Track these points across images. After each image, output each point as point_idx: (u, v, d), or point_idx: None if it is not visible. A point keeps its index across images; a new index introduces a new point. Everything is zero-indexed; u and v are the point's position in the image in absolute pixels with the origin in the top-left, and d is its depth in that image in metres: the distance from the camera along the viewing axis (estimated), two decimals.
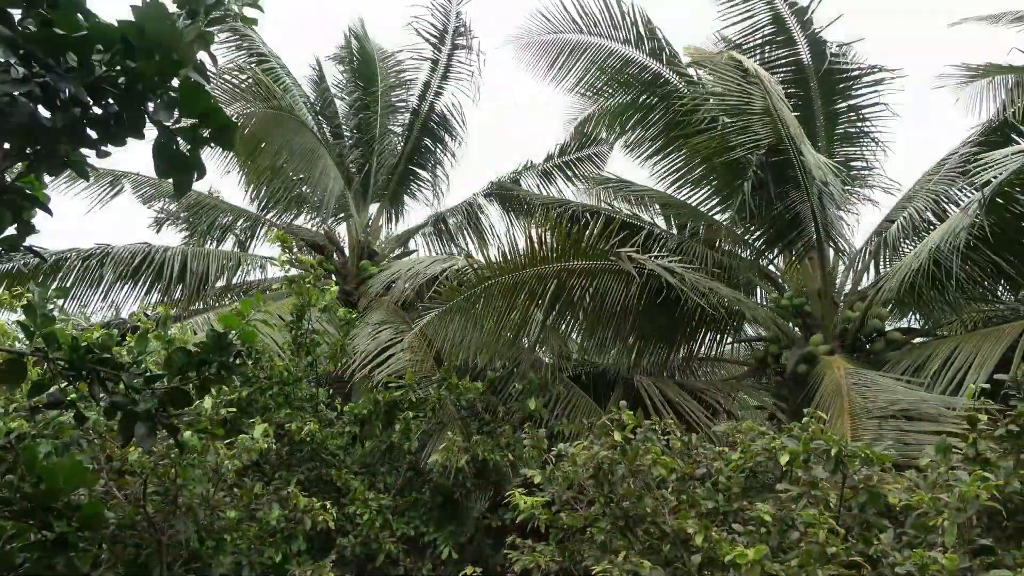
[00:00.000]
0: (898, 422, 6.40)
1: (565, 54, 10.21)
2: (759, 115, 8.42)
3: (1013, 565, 3.74)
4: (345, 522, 6.69)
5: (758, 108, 8.36)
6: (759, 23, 9.68)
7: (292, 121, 10.61)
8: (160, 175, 2.82)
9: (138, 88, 2.66)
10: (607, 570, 4.23)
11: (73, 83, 2.59)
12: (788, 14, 9.50)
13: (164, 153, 2.75)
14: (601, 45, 10.01)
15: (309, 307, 7.09)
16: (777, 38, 9.67)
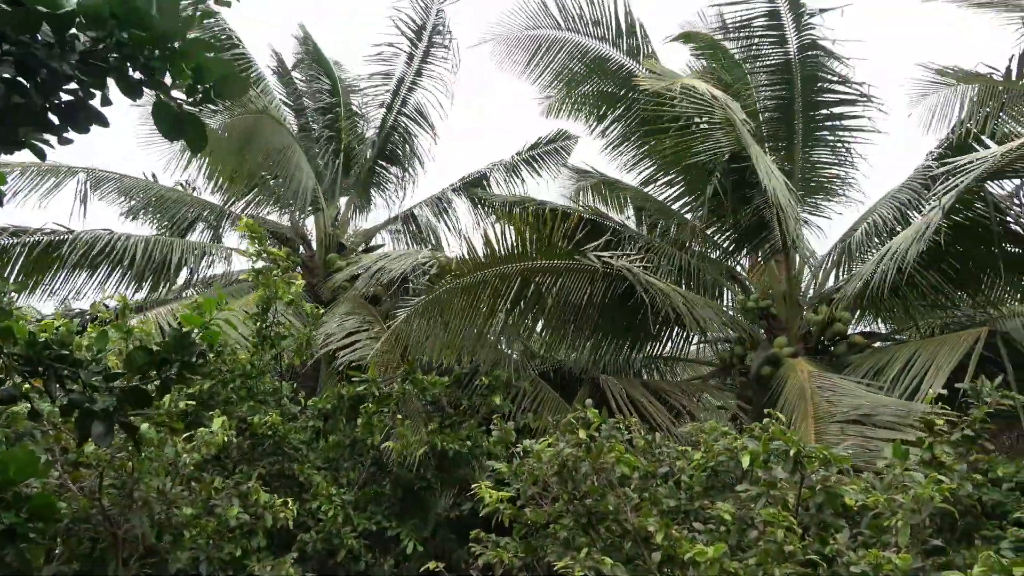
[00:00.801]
0: (861, 427, 6.52)
1: (543, 50, 10.21)
2: (720, 124, 8.51)
3: (963, 566, 3.84)
4: (307, 517, 6.62)
5: (719, 117, 8.45)
6: (753, 13, 9.71)
7: (268, 121, 10.48)
8: (167, 136, 2.79)
9: (139, 59, 2.61)
10: (569, 566, 4.24)
11: (57, 60, 2.53)
12: (785, 10, 9.56)
13: (165, 114, 2.71)
14: (579, 42, 10.02)
15: (275, 300, 6.99)
16: (769, 33, 9.71)
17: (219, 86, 2.74)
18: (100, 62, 2.65)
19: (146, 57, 2.65)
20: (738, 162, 8.62)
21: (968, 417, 4.62)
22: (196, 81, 2.69)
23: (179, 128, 2.77)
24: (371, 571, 6.55)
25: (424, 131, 12.61)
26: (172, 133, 2.77)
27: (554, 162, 12.39)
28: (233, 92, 2.83)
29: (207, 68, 2.69)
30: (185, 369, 3.41)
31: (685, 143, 8.88)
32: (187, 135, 2.80)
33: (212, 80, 2.70)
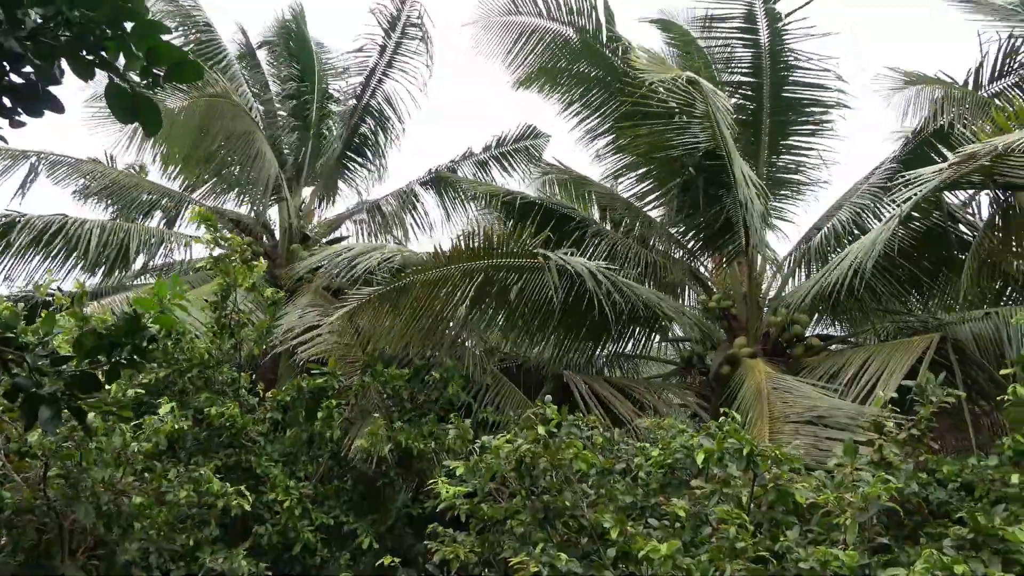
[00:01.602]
0: (814, 428, 6.64)
1: (521, 39, 10.15)
2: (700, 119, 8.57)
3: (908, 563, 3.93)
4: (263, 510, 6.53)
5: (699, 112, 8.51)
6: (730, 14, 9.78)
7: (229, 106, 10.26)
8: (120, 119, 2.71)
9: (90, 38, 2.53)
10: (524, 562, 4.25)
11: (4, 35, 2.45)
12: (761, 14, 9.65)
13: (119, 98, 2.63)
14: (556, 30, 9.98)
15: (234, 288, 6.86)
16: (742, 35, 9.76)
17: (172, 72, 2.68)
18: (51, 40, 2.57)
19: (98, 37, 2.58)
20: (712, 160, 8.69)
21: (915, 418, 4.73)
22: (149, 64, 2.62)
23: (133, 111, 2.70)
24: (327, 565, 6.49)
25: (394, 123, 12.50)
26: (126, 116, 2.70)
27: (524, 159, 12.37)
28: (187, 78, 2.75)
29: (161, 52, 2.62)
30: (136, 353, 3.33)
31: (662, 137, 8.89)
32: (141, 118, 2.73)
33: (165, 65, 2.64)
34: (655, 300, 8.59)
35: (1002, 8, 8.87)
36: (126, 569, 5.79)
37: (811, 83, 9.67)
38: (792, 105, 9.81)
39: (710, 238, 9.63)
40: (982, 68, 9.12)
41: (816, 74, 9.60)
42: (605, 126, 10.21)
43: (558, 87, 10.28)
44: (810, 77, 9.65)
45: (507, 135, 12.34)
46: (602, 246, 9.99)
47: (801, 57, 9.57)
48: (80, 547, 5.76)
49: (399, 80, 12.25)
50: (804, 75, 9.67)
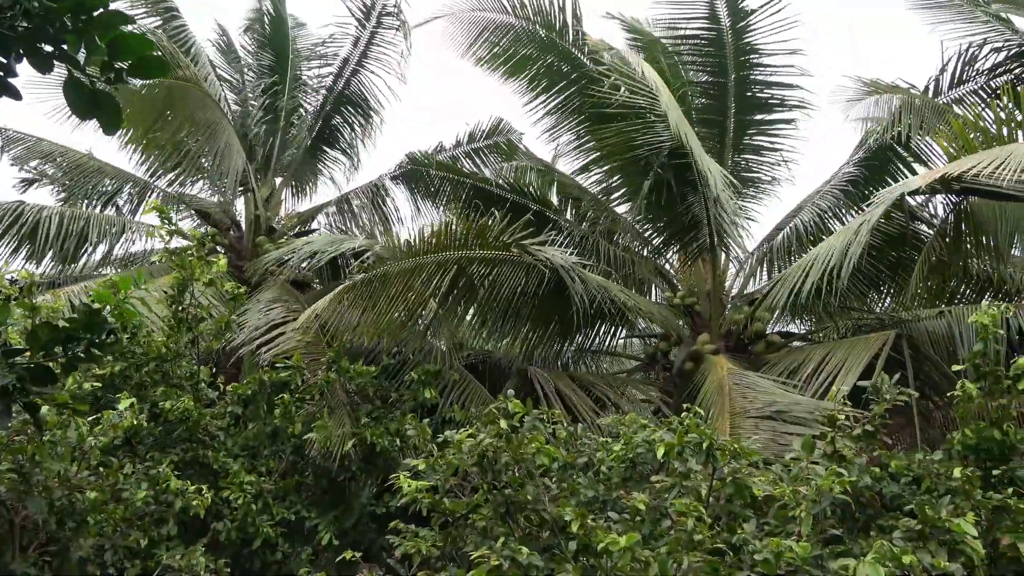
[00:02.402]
0: (774, 423, 6.77)
1: (488, 32, 10.12)
2: (663, 118, 8.66)
3: (860, 554, 4.02)
4: (222, 506, 6.44)
5: (662, 110, 8.59)
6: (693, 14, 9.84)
7: (197, 92, 10.06)
8: (78, 115, 2.63)
9: (49, 30, 2.46)
10: (485, 556, 4.26)
11: None
12: (724, 14, 9.74)
13: (78, 93, 2.55)
14: (524, 27, 9.97)
15: (192, 281, 6.75)
16: (706, 34, 9.87)
17: (136, 66, 2.61)
18: (7, 31, 2.49)
19: (58, 29, 2.51)
20: (677, 158, 8.78)
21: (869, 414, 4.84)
22: (111, 57, 2.55)
23: (92, 107, 2.62)
24: (288, 561, 6.43)
25: (367, 115, 12.37)
26: (84, 112, 2.62)
27: (496, 153, 12.34)
28: (151, 74, 2.69)
29: (124, 44, 2.55)
30: (93, 348, 3.26)
31: (628, 136, 8.94)
32: (101, 115, 2.66)
33: (129, 59, 2.57)
34: (623, 296, 8.65)
35: (965, 9, 9.06)
36: (80, 566, 5.67)
37: (774, 82, 9.82)
38: (756, 105, 9.95)
39: (676, 235, 9.73)
40: (942, 76, 9.37)
41: (779, 74, 9.75)
42: (571, 121, 10.24)
43: (526, 80, 10.29)
44: (773, 77, 9.79)
45: (478, 130, 12.30)
46: (570, 240, 10.04)
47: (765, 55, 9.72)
48: (32, 543, 5.63)
49: (375, 71, 12.13)
50: (767, 75, 9.82)
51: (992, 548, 4.39)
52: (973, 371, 5.15)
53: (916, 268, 7.37)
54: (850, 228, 7.47)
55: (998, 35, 8.85)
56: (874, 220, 7.10)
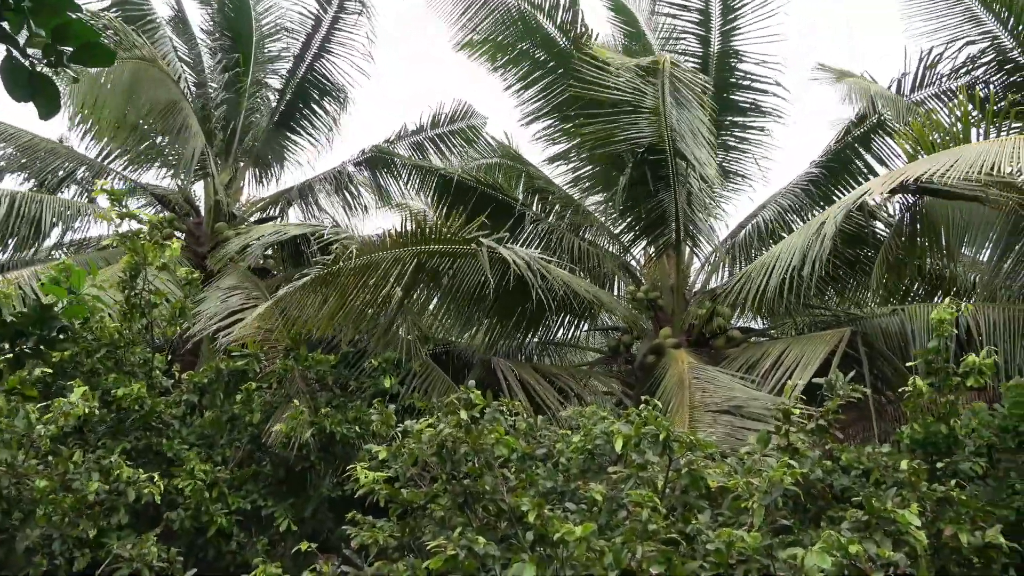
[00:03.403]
0: (732, 416, 6.88)
1: (471, 10, 10.04)
2: (647, 113, 8.66)
3: (809, 544, 4.11)
4: (176, 495, 6.33)
5: (648, 106, 8.60)
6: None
7: (154, 72, 9.80)
8: (15, 98, 2.50)
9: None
10: (442, 545, 4.26)
11: None
12: (716, 13, 9.77)
13: (16, 74, 2.43)
14: (510, 6, 9.90)
15: (145, 266, 6.58)
16: (693, 32, 9.92)
17: (80, 53, 2.51)
18: None
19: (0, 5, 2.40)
20: (655, 154, 8.83)
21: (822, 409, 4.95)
22: (55, 41, 2.45)
23: (30, 90, 2.52)
24: (242, 551, 6.34)
25: (333, 99, 12.18)
26: (21, 95, 2.50)
27: (461, 140, 12.26)
28: (95, 62, 2.58)
29: (69, 31, 2.45)
30: (43, 344, 3.16)
31: (607, 129, 8.95)
32: (39, 100, 2.55)
33: (73, 44, 2.47)
34: (586, 290, 8.69)
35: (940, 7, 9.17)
36: (26, 556, 5.53)
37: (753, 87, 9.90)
38: (732, 107, 10.03)
39: (645, 230, 9.79)
40: (903, 79, 9.57)
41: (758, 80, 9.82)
42: (546, 109, 10.22)
43: (503, 63, 10.24)
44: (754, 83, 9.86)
45: (442, 114, 12.19)
46: (537, 233, 10.05)
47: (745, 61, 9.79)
48: None
49: (340, 54, 11.95)
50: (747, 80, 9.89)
51: (935, 538, 4.53)
52: (924, 367, 5.29)
53: (876, 267, 7.53)
54: (811, 227, 7.59)
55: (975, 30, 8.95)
56: (838, 222, 7.22)
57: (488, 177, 10.72)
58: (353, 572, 4.69)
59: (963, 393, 5.24)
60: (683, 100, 8.59)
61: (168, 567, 5.63)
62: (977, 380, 5.09)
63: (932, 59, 9.31)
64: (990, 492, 5.25)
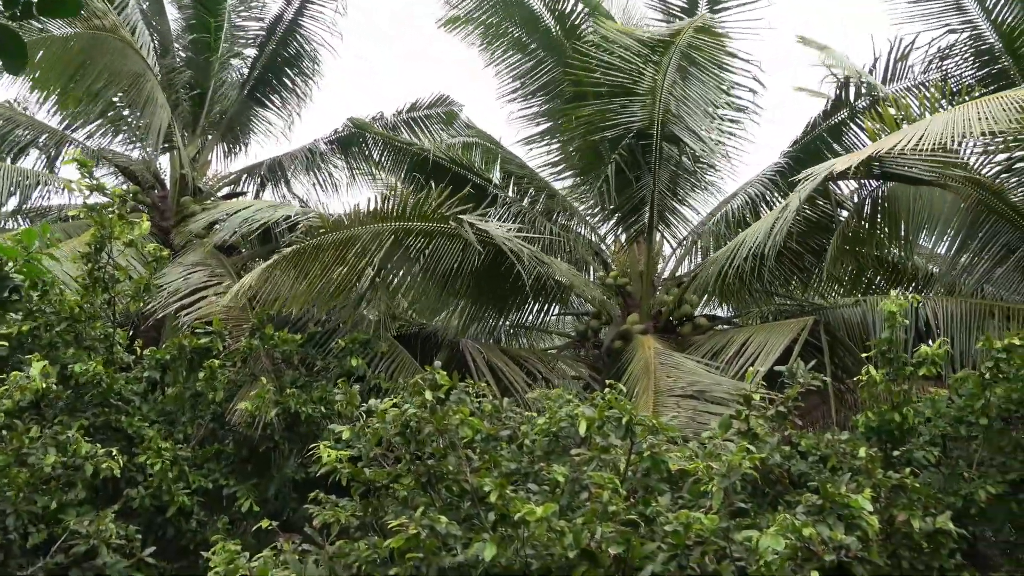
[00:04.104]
0: (695, 401, 6.97)
1: None
2: (642, 96, 8.62)
3: (764, 527, 4.19)
4: (135, 472, 6.24)
5: (643, 89, 8.56)
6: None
7: (118, 43, 9.52)
8: None
9: None
10: (404, 524, 4.26)
11: None
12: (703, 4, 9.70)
13: None
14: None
15: (111, 240, 6.44)
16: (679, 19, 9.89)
17: (45, 4, 2.42)
18: None
19: None
20: (643, 139, 8.81)
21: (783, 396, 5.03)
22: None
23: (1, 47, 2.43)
24: (203, 529, 6.29)
25: (304, 75, 11.97)
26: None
27: (436, 125, 12.15)
28: (63, 12, 2.50)
29: None
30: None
31: (602, 113, 8.90)
32: (3, 54, 2.46)
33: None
34: (561, 273, 8.72)
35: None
36: None
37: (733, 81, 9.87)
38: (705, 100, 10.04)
39: (620, 217, 9.81)
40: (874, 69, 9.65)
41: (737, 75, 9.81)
42: (531, 89, 10.15)
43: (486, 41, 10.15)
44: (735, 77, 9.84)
45: (420, 101, 12.11)
46: (511, 215, 10.03)
47: None
48: None
49: (313, 28, 11.74)
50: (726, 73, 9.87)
51: (888, 524, 4.65)
52: (879, 357, 5.41)
53: (830, 248, 7.65)
54: (777, 209, 7.70)
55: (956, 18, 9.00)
56: (804, 196, 7.28)
57: (465, 156, 10.64)
58: (314, 550, 4.66)
59: (917, 382, 5.36)
60: (693, 74, 8.56)
61: (126, 544, 5.56)
62: (929, 370, 5.22)
63: (904, 50, 9.42)
64: (942, 480, 5.42)
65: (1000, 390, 5.24)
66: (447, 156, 10.25)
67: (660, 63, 8.39)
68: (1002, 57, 8.56)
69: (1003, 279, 8.08)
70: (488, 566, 4.08)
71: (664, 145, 8.92)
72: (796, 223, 8.68)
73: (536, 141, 10.34)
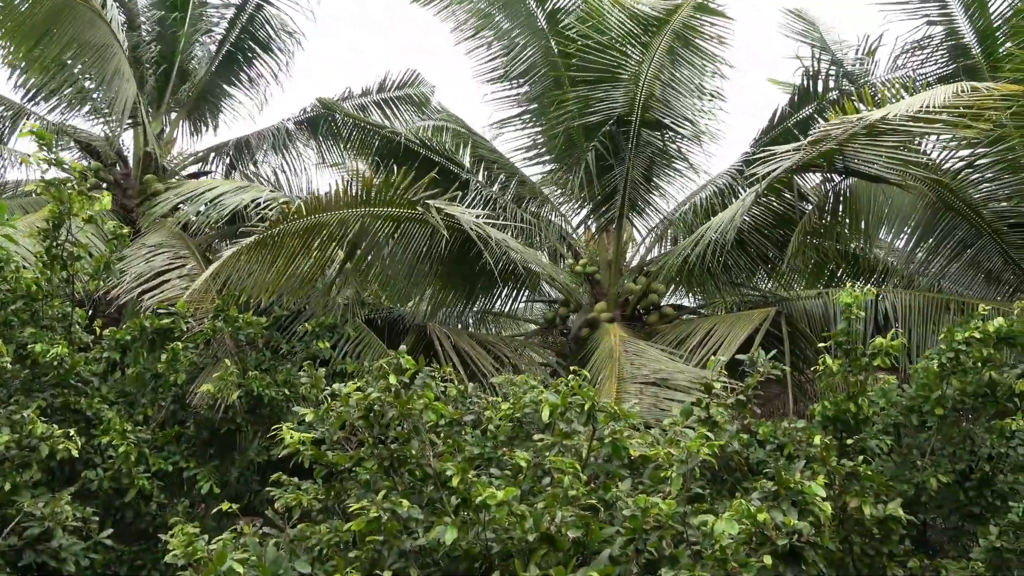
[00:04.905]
0: (658, 389, 7.07)
1: None
2: (625, 81, 8.59)
3: (721, 512, 4.28)
4: (94, 454, 6.14)
5: (627, 73, 8.51)
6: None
7: (86, 12, 9.22)
8: None
9: None
10: (365, 507, 4.26)
11: None
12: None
13: None
14: None
15: (69, 216, 6.29)
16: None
17: None
18: None
19: None
20: (624, 126, 8.80)
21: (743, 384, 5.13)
22: None
23: None
24: (162, 512, 6.22)
25: (275, 54, 11.75)
26: None
27: (407, 107, 12.04)
28: None
29: None
30: None
31: (584, 99, 8.84)
32: None
33: None
34: (530, 260, 8.73)
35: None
36: None
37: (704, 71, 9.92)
38: None
39: (595, 206, 9.84)
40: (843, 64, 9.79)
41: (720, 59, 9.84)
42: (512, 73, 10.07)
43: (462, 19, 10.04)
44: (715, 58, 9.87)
45: (389, 80, 11.97)
46: (482, 201, 10.00)
47: None
48: None
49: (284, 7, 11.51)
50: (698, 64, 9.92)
51: (842, 510, 4.78)
52: (837, 348, 5.53)
53: (792, 240, 7.79)
54: (740, 198, 7.81)
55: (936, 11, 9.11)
56: (772, 180, 7.38)
57: (436, 139, 10.55)
58: (274, 533, 4.65)
59: (872, 373, 5.49)
60: (683, 55, 8.54)
61: (83, 527, 5.48)
62: (884, 361, 5.35)
63: (871, 46, 9.57)
64: (894, 468, 5.57)
65: (956, 382, 5.39)
66: (417, 139, 10.17)
67: (650, 44, 8.32)
68: (974, 51, 8.72)
69: (959, 274, 8.31)
70: (449, 549, 4.11)
71: (644, 132, 8.95)
72: (762, 215, 8.84)
73: (512, 125, 10.30)
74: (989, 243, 8.01)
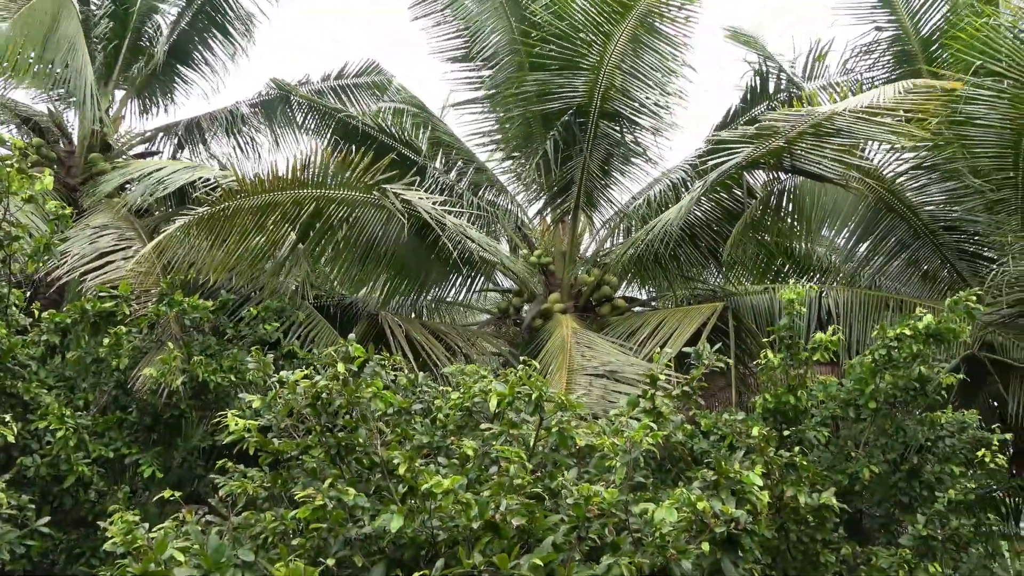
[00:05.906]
0: (607, 381, 7.18)
1: None
2: (586, 70, 8.60)
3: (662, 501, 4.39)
4: (30, 439, 5.97)
5: (589, 63, 8.52)
6: None
7: None
8: None
9: None
10: (311, 496, 4.25)
11: None
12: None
13: None
14: None
15: (8, 195, 6.07)
16: None
17: None
18: None
19: None
20: (581, 116, 8.82)
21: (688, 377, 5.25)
22: None
23: None
24: (102, 500, 6.08)
25: (230, 36, 11.46)
26: None
27: (366, 94, 11.89)
28: None
29: None
30: None
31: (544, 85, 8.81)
32: None
33: None
34: (486, 248, 8.74)
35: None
36: None
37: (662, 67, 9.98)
38: None
39: (552, 196, 9.88)
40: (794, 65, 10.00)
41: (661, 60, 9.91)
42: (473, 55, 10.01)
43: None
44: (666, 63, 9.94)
45: (348, 68, 11.82)
46: (438, 188, 9.96)
47: None
48: None
49: None
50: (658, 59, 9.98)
51: (779, 499, 4.94)
52: (779, 342, 5.70)
53: (733, 232, 7.99)
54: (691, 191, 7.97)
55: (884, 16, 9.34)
56: (722, 172, 7.52)
57: (396, 121, 10.43)
58: (218, 521, 4.59)
59: (812, 367, 5.68)
60: (647, 43, 8.57)
61: (18, 514, 5.33)
62: (823, 355, 5.54)
63: (822, 49, 9.82)
64: (830, 459, 5.78)
65: (889, 376, 5.61)
66: (375, 124, 10.06)
67: (612, 33, 8.33)
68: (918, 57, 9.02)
69: (897, 273, 8.63)
70: (394, 537, 4.13)
71: (602, 123, 9.00)
72: (712, 211, 9.03)
73: (472, 108, 10.26)
74: (926, 244, 8.34)
